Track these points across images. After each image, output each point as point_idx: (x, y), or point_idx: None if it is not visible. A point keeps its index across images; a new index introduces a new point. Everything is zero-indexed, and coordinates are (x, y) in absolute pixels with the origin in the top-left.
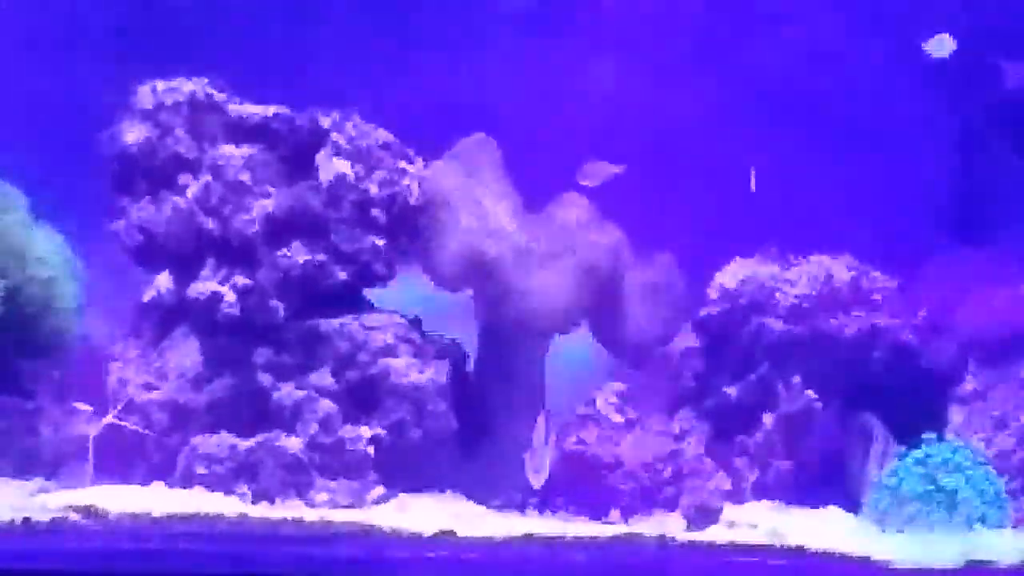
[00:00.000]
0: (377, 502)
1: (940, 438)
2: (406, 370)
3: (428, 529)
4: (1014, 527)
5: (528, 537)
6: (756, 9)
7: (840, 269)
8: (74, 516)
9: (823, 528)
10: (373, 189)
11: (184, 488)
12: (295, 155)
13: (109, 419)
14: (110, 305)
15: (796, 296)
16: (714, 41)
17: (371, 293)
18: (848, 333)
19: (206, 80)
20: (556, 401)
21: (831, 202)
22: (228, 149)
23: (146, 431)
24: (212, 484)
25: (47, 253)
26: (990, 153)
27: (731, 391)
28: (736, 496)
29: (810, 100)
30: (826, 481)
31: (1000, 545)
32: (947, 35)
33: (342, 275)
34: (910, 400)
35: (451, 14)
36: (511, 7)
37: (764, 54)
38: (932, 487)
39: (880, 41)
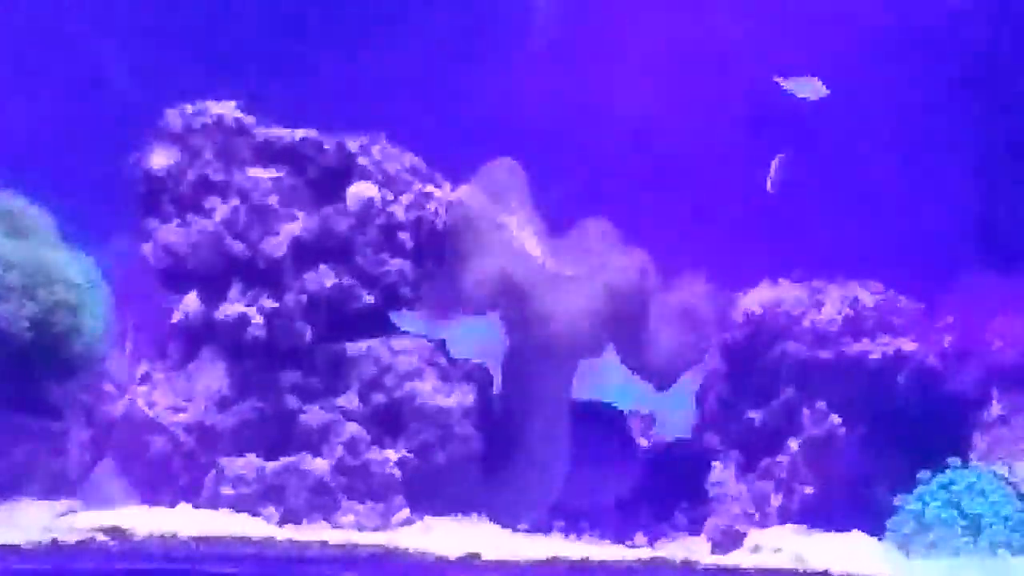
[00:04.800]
0: (403, 525)
1: (964, 464)
2: (432, 393)
3: (454, 552)
4: None
5: (554, 560)
6: (784, 30)
7: (865, 294)
8: (101, 537)
9: (848, 553)
10: (400, 213)
11: (210, 509)
12: (322, 179)
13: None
14: (136, 327)
15: (821, 321)
16: (742, 63)
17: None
18: (873, 358)
19: (234, 103)
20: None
21: (857, 226)
22: (256, 172)
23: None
24: (238, 505)
25: (74, 275)
26: (1017, 176)
27: (756, 415)
28: (761, 520)
29: (836, 123)
30: (851, 505)
31: None
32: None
33: (369, 298)
34: (934, 425)
35: (478, 40)
36: (537, 32)
37: (791, 75)
38: (956, 512)
39: (906, 60)
